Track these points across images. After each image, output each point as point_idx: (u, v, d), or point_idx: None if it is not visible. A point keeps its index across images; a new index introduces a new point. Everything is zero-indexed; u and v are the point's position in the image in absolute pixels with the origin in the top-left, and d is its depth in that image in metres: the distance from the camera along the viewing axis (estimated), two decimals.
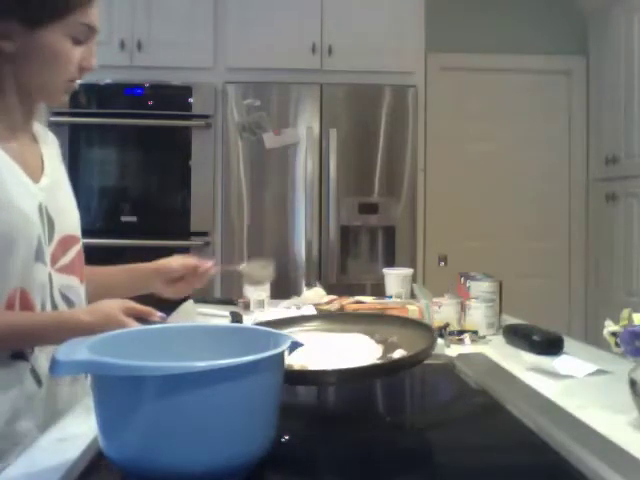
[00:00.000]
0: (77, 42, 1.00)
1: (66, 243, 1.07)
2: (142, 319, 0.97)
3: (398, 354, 1.00)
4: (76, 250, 1.11)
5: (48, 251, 1.02)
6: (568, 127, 3.90)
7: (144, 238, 3.03)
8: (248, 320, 1.60)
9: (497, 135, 3.88)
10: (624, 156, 3.31)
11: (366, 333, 1.11)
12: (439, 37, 3.59)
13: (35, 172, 1.04)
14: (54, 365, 0.63)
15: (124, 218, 3.12)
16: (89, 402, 1.01)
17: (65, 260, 1.06)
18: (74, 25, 0.98)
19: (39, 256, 0.99)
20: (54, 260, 1.03)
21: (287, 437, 0.82)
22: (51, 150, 1.14)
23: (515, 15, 3.80)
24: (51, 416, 0.99)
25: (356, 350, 1.03)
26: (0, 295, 0.95)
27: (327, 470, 0.78)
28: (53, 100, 1.05)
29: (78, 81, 1.05)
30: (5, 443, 0.94)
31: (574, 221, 3.89)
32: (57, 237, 1.04)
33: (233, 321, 1.66)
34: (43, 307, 1.00)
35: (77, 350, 0.65)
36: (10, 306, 0.96)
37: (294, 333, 1.13)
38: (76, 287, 1.10)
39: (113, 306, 0.97)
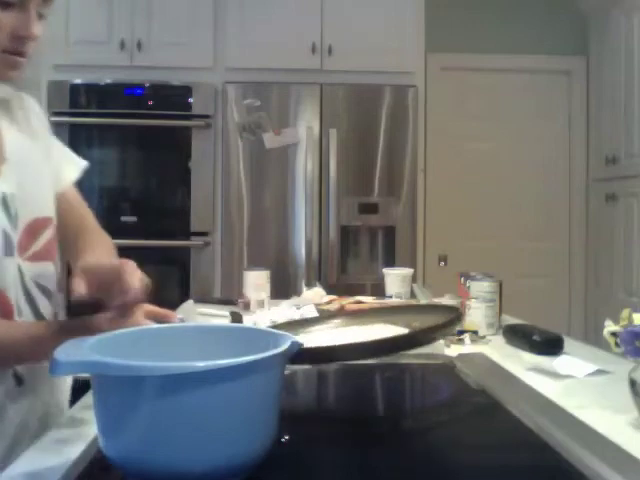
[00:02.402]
0: (4, 5, 0.86)
1: (35, 228, 0.98)
2: (161, 322, 0.91)
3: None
4: (49, 233, 1.01)
5: (15, 241, 0.94)
6: (568, 127, 3.90)
7: (144, 238, 3.03)
8: (248, 320, 1.60)
9: (497, 135, 3.88)
10: (624, 156, 3.31)
11: (388, 323, 1.11)
12: (439, 37, 3.59)
13: None
14: (54, 365, 0.62)
15: (124, 218, 3.12)
16: (89, 402, 1.01)
17: (36, 247, 0.98)
18: None
19: (8, 250, 0.93)
20: (22, 249, 0.95)
21: (287, 437, 0.82)
22: (22, 117, 1.03)
23: (515, 15, 3.80)
24: (28, 418, 0.96)
25: (383, 333, 1.03)
26: None
27: (327, 470, 0.78)
28: None
29: (22, 57, 0.92)
30: None
31: (574, 221, 3.89)
32: (23, 224, 0.96)
33: (233, 321, 1.65)
34: (17, 301, 0.95)
35: (77, 350, 0.65)
36: None
37: (315, 332, 1.13)
38: (51, 274, 1.02)
39: (135, 312, 0.90)
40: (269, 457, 0.69)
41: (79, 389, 1.13)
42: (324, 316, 1.23)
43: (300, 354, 0.79)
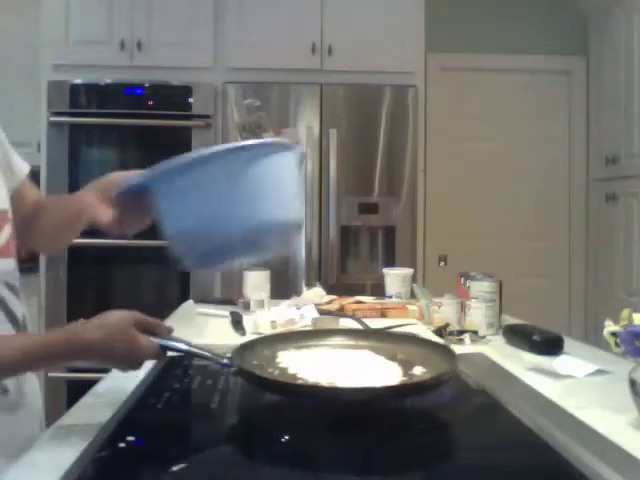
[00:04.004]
0: None
1: None
2: (150, 332, 0.91)
3: (419, 370, 0.99)
4: (6, 228, 0.99)
5: None
6: (568, 127, 3.90)
7: (144, 238, 3.01)
8: (248, 320, 1.60)
9: (497, 135, 3.88)
10: (624, 156, 3.31)
11: (371, 350, 1.09)
12: (439, 37, 3.59)
13: None
14: None
15: None
16: (88, 402, 1.01)
17: None
18: None
19: None
20: None
21: (287, 437, 0.82)
22: None
23: (515, 15, 3.80)
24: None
25: (377, 368, 1.01)
26: None
27: (327, 470, 0.78)
28: None
29: None
30: None
31: (574, 221, 3.89)
32: None
33: (233, 321, 1.66)
34: None
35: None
36: None
37: (302, 348, 1.12)
38: (14, 270, 1.00)
39: (122, 320, 0.89)
40: (269, 457, 0.69)
41: (77, 389, 1.12)
42: (311, 333, 1.24)
43: (286, 389, 0.91)
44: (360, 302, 1.85)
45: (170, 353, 0.93)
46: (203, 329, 1.63)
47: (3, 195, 1.00)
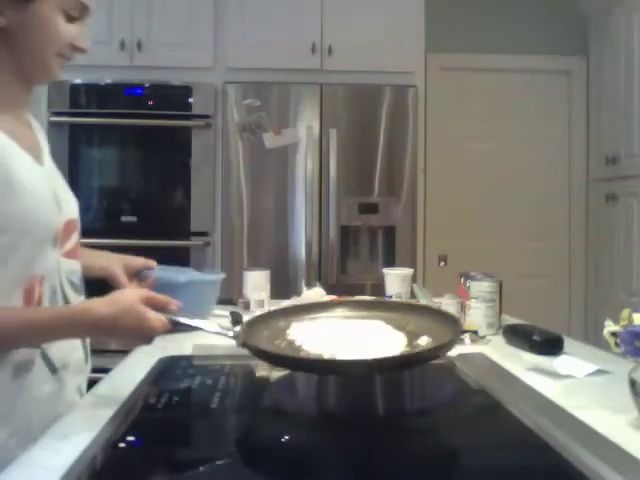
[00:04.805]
0: (70, 18, 1.01)
1: (70, 228, 1.08)
2: (159, 308, 0.96)
3: (424, 341, 1.00)
4: (77, 235, 1.12)
5: (60, 236, 1.03)
6: (568, 127, 3.90)
7: (144, 238, 3.03)
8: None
9: (497, 135, 3.88)
10: (624, 156, 3.31)
11: (383, 320, 1.11)
12: (439, 37, 3.59)
13: (36, 154, 1.04)
14: None
15: (124, 218, 3.12)
16: (88, 402, 1.01)
17: (69, 245, 1.07)
18: (65, 0, 0.99)
19: (55, 242, 1.02)
20: (62, 245, 1.05)
21: (287, 437, 0.82)
22: (40, 136, 1.14)
23: (515, 15, 3.80)
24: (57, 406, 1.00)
25: (382, 339, 1.03)
26: (19, 282, 0.95)
27: (327, 470, 0.78)
28: (47, 75, 1.04)
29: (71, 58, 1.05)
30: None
31: (574, 221, 3.89)
32: (63, 222, 1.05)
33: (233, 321, 1.65)
34: (54, 293, 1.02)
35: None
36: (30, 293, 0.96)
37: (317, 319, 1.14)
38: (78, 271, 1.12)
39: (131, 297, 0.95)
40: (270, 457, 0.69)
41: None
42: (328, 304, 1.24)
43: (299, 364, 0.94)
44: None
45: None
46: None
47: (73, 206, 1.12)
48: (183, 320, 0.98)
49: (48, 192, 1.01)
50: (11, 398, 0.94)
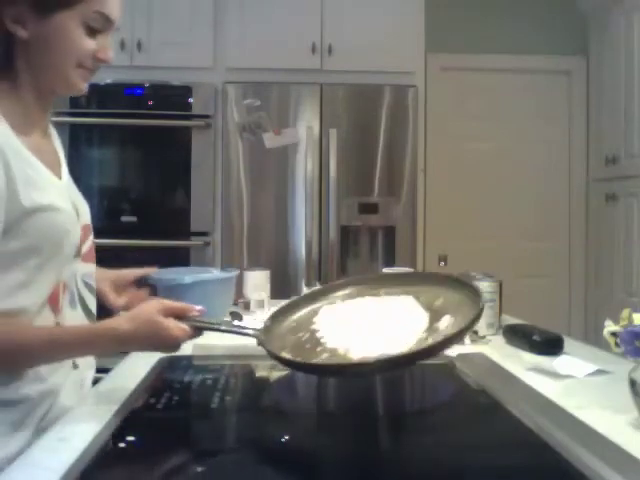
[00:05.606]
0: (92, 31, 1.01)
1: (86, 232, 1.10)
2: (180, 316, 0.99)
3: (445, 322, 0.97)
4: (92, 238, 1.15)
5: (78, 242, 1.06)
6: (568, 127, 3.90)
7: (144, 238, 3.03)
8: (248, 320, 1.60)
9: (497, 135, 3.88)
10: (624, 156, 3.31)
11: (410, 294, 1.08)
12: (439, 37, 3.59)
13: (55, 168, 1.05)
14: None
15: (124, 218, 3.12)
16: (88, 401, 1.01)
17: (85, 248, 1.09)
18: (87, 13, 0.99)
19: (78, 253, 1.05)
20: (80, 250, 1.07)
21: (287, 437, 0.82)
22: (57, 144, 1.17)
23: (515, 15, 3.80)
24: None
25: (401, 323, 1.00)
26: (45, 291, 0.97)
27: (327, 470, 0.78)
28: (68, 87, 1.04)
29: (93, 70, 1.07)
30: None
31: (574, 221, 3.89)
32: (80, 227, 1.07)
33: (233, 321, 1.65)
34: (72, 295, 1.05)
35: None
36: (54, 300, 0.99)
37: (336, 300, 1.13)
38: (93, 272, 1.14)
39: (151, 310, 0.97)
40: (270, 457, 0.69)
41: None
42: (346, 283, 1.21)
43: (302, 368, 0.98)
44: None
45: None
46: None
47: (87, 210, 1.15)
48: (203, 324, 1.01)
49: (71, 208, 1.03)
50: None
